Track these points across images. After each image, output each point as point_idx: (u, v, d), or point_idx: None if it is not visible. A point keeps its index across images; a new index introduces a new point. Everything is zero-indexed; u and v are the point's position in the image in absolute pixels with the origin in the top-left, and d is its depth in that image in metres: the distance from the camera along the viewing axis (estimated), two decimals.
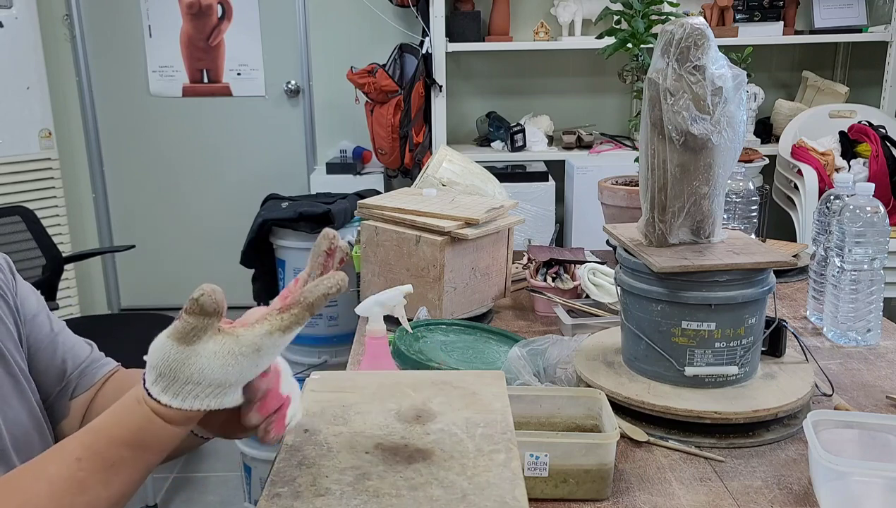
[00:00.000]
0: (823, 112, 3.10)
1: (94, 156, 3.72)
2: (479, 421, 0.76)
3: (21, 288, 0.93)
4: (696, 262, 1.05)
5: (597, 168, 2.95)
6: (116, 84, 3.66)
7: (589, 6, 3.18)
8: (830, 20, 3.24)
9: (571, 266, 1.60)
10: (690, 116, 1.06)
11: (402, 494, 0.65)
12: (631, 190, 1.77)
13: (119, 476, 0.66)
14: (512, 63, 3.50)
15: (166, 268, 3.82)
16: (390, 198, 1.60)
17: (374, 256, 1.51)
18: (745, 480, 0.96)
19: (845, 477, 0.84)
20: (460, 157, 1.83)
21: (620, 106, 3.55)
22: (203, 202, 3.79)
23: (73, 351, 0.95)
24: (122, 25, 3.60)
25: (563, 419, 1.03)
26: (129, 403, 0.66)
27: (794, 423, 1.07)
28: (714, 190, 1.11)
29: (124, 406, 0.66)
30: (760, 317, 1.10)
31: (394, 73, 3.16)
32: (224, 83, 3.66)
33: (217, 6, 3.58)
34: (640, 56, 1.81)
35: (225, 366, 0.63)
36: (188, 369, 0.62)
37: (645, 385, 1.10)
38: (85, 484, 0.64)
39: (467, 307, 1.51)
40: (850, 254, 1.33)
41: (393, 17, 3.41)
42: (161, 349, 0.63)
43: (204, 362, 0.62)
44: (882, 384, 1.23)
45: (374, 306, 1.08)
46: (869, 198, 1.32)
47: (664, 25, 1.10)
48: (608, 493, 0.92)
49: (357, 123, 3.45)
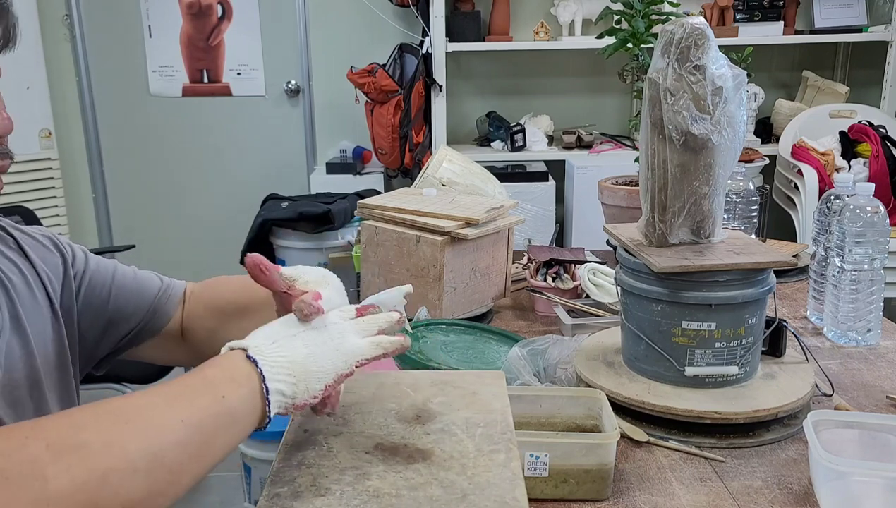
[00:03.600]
0: (823, 112, 3.10)
1: (94, 156, 3.72)
2: (479, 421, 0.76)
3: (74, 250, 0.98)
4: (696, 262, 1.05)
5: (597, 168, 2.95)
6: (116, 84, 3.66)
7: (589, 6, 3.18)
8: (830, 20, 3.24)
9: (571, 266, 1.60)
10: (690, 116, 1.06)
11: (402, 494, 0.65)
12: (631, 190, 1.76)
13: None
14: (512, 63, 3.49)
15: (166, 268, 3.78)
16: (390, 198, 1.60)
17: (374, 256, 1.51)
18: (746, 480, 0.96)
19: (845, 477, 0.84)
20: (460, 157, 1.83)
21: (620, 106, 3.55)
22: (203, 202, 3.79)
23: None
24: (122, 25, 3.60)
25: (563, 419, 1.02)
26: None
27: (795, 423, 1.07)
28: (714, 190, 1.11)
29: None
30: (760, 317, 1.10)
31: (394, 72, 3.16)
32: (224, 83, 3.66)
33: (217, 6, 3.58)
34: (640, 56, 1.81)
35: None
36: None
37: (645, 385, 1.09)
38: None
39: (467, 307, 1.51)
40: (850, 254, 1.33)
41: (393, 17, 3.41)
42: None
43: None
44: (882, 384, 1.22)
45: None
46: (869, 198, 1.32)
47: (664, 25, 1.10)
48: (608, 493, 0.92)
49: (357, 123, 3.45)
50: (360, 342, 0.72)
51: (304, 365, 0.68)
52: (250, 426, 0.66)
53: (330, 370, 0.69)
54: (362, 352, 0.71)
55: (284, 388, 0.67)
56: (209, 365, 0.68)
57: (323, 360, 0.69)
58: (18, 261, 0.89)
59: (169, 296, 1.02)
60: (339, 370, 0.70)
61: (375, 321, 0.75)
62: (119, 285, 0.98)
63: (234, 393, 0.65)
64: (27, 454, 0.56)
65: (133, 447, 0.59)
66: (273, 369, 0.67)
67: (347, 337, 0.72)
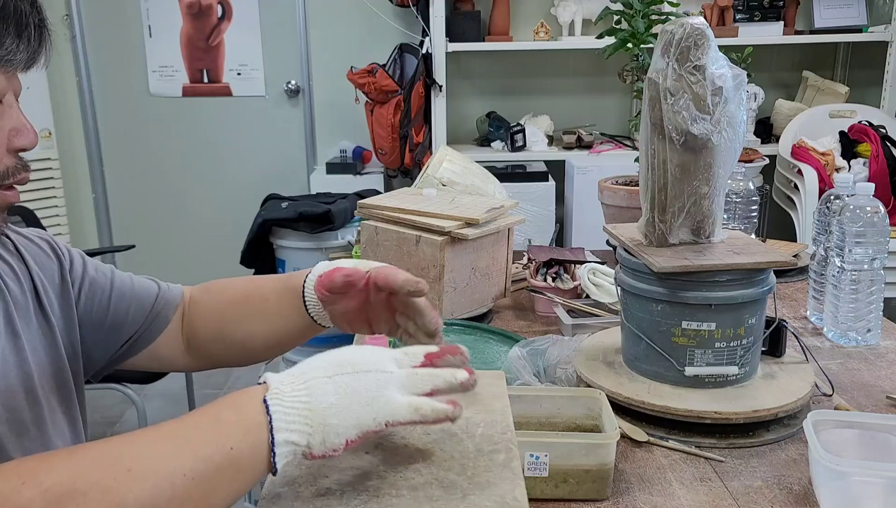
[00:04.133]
0: (823, 112, 3.10)
1: (94, 156, 3.72)
2: (479, 421, 0.76)
3: (72, 255, 0.97)
4: (696, 262, 1.05)
5: (597, 168, 2.94)
6: (116, 84, 3.66)
7: (589, 6, 3.18)
8: (830, 20, 3.24)
9: (571, 266, 1.60)
10: (690, 116, 1.06)
11: (402, 494, 0.65)
12: (631, 190, 1.76)
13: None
14: (512, 63, 3.49)
15: (166, 268, 3.81)
16: (390, 198, 1.60)
17: (374, 256, 1.51)
18: (746, 480, 0.95)
19: (845, 477, 0.84)
20: (460, 157, 1.83)
21: (620, 106, 3.55)
22: (203, 202, 3.79)
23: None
24: (122, 25, 3.60)
25: (563, 419, 1.02)
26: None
27: (794, 423, 1.07)
28: (714, 190, 1.11)
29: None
30: (760, 317, 1.10)
31: (394, 73, 3.16)
32: (224, 83, 3.66)
33: (217, 6, 3.58)
34: (640, 56, 1.81)
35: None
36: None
37: (645, 385, 1.09)
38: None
39: (467, 307, 1.50)
40: (850, 253, 1.33)
41: (393, 17, 3.41)
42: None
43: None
44: (882, 384, 1.22)
45: None
46: (869, 198, 1.32)
47: (664, 25, 1.10)
48: (608, 493, 0.92)
49: (357, 123, 3.45)
50: (400, 400, 0.64)
51: (323, 416, 0.62)
52: (257, 476, 0.63)
53: (353, 425, 0.63)
54: (395, 414, 0.64)
55: (297, 438, 0.62)
56: (227, 405, 0.64)
57: (347, 414, 0.63)
58: (15, 265, 0.88)
59: (167, 302, 1.01)
60: (364, 426, 0.63)
61: (432, 377, 0.66)
62: (118, 291, 0.97)
63: (243, 443, 0.61)
64: (22, 499, 0.55)
65: (131, 498, 0.57)
66: (288, 417, 0.62)
67: (386, 391, 0.64)
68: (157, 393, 3.08)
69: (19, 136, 0.79)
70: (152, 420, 2.65)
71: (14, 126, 0.78)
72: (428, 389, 0.66)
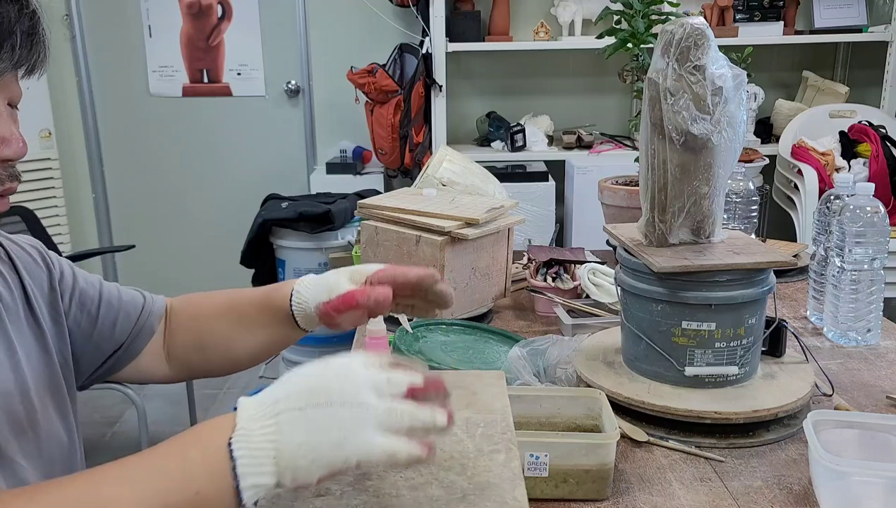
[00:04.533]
0: (823, 112, 3.10)
1: (94, 156, 3.71)
2: (479, 421, 0.76)
3: (62, 265, 0.96)
4: (696, 262, 1.05)
5: (597, 168, 2.94)
6: (116, 84, 3.66)
7: (589, 6, 3.18)
8: (830, 20, 3.24)
9: (571, 266, 1.60)
10: (690, 116, 1.06)
11: (402, 494, 0.65)
12: (631, 190, 1.76)
13: None
14: (512, 63, 3.49)
15: (166, 268, 3.82)
16: (390, 198, 1.60)
17: (374, 256, 1.51)
18: (746, 480, 0.96)
19: (845, 477, 0.84)
20: (460, 157, 1.83)
21: (620, 106, 3.55)
22: (203, 202, 3.79)
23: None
24: (122, 25, 3.60)
25: (563, 419, 1.03)
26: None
27: (794, 423, 1.07)
28: (714, 190, 1.11)
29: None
30: (760, 317, 1.10)
31: (394, 73, 3.16)
32: (224, 83, 3.66)
33: (217, 6, 3.57)
34: (640, 56, 1.81)
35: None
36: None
37: (645, 385, 1.09)
38: None
39: (467, 307, 1.50)
40: (850, 254, 1.33)
41: (393, 17, 3.41)
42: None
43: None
44: (882, 384, 1.22)
45: None
46: (869, 198, 1.32)
47: (664, 25, 1.10)
48: (608, 493, 0.92)
49: (357, 123, 3.45)
50: (375, 440, 0.60)
51: (293, 457, 0.59)
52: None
53: (324, 464, 0.60)
54: (369, 455, 0.60)
55: (266, 480, 0.59)
56: (193, 442, 0.62)
57: (318, 454, 0.59)
58: (6, 272, 0.88)
59: (151, 313, 1.01)
60: (334, 467, 0.60)
61: (412, 418, 0.61)
62: (107, 302, 0.97)
63: (209, 487, 0.59)
64: None
65: None
66: (255, 460, 0.59)
67: (361, 432, 0.60)
68: (157, 393, 3.09)
69: (5, 146, 0.78)
70: (152, 420, 2.65)
71: (2, 135, 0.77)
72: (405, 429, 0.61)
